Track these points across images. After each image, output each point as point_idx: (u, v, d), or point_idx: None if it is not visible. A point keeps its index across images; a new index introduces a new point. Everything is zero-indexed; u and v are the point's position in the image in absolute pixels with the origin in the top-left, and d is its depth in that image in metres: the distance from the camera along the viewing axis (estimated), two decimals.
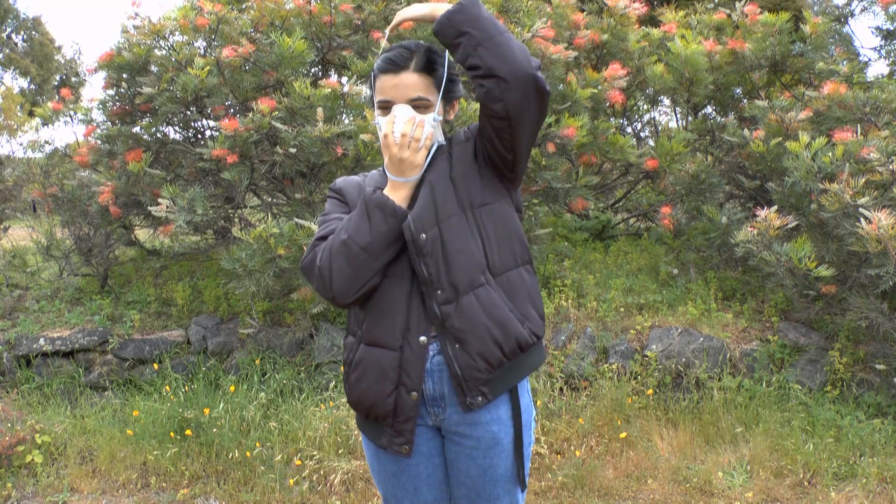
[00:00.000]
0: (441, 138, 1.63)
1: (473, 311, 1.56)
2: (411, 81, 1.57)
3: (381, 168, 1.78)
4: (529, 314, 1.64)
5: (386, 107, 1.59)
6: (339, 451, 3.40)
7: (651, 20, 6.22)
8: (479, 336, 1.56)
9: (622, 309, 4.37)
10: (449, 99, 1.66)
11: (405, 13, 1.61)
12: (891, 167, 3.41)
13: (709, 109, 5.90)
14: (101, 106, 4.84)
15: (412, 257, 1.57)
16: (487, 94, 1.50)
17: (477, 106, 4.23)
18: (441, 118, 1.63)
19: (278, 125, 3.84)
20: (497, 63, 1.47)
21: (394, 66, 1.58)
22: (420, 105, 1.58)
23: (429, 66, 1.59)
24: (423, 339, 1.60)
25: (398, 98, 1.58)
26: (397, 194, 1.58)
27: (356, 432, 3.46)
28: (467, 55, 1.49)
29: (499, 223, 1.62)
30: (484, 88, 1.50)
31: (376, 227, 1.54)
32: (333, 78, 5.06)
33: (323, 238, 1.62)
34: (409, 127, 1.53)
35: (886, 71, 6.01)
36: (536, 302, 1.67)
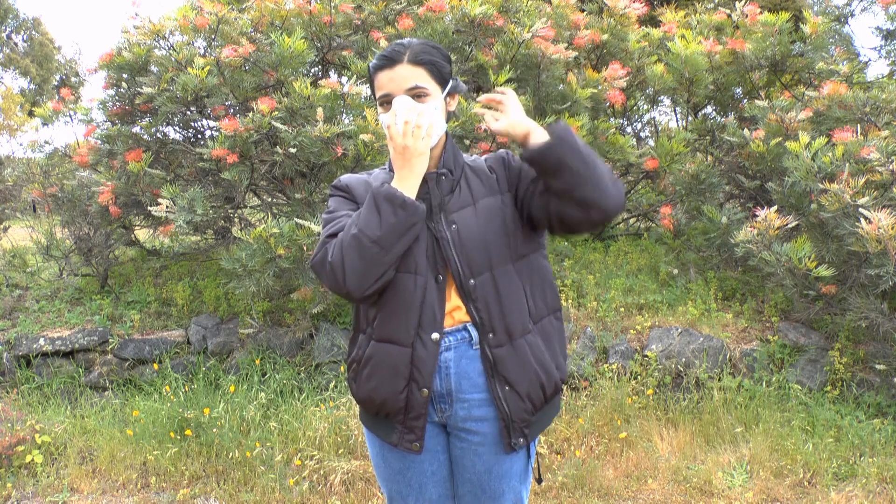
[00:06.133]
0: (444, 126, 1.64)
1: (526, 356, 1.63)
2: (407, 73, 1.58)
3: (385, 166, 1.78)
4: (559, 361, 1.71)
5: (386, 101, 1.60)
6: (339, 451, 3.40)
7: (651, 20, 6.23)
8: (529, 379, 1.63)
9: (622, 309, 4.37)
10: (448, 90, 1.66)
11: (494, 125, 1.61)
12: (891, 167, 3.41)
13: (709, 109, 5.90)
14: (101, 106, 4.84)
15: (463, 301, 1.62)
16: (569, 215, 1.54)
17: (476, 105, 4.24)
18: (442, 106, 1.63)
19: (278, 125, 3.84)
20: (600, 199, 1.50)
21: (388, 60, 1.59)
22: (418, 94, 1.58)
23: (422, 57, 1.59)
24: (435, 335, 1.60)
25: (396, 90, 1.58)
26: (404, 185, 1.57)
27: (356, 432, 3.46)
28: (565, 189, 1.51)
29: (535, 272, 1.69)
30: (567, 210, 1.53)
31: (386, 220, 1.52)
32: (333, 78, 5.06)
33: (333, 235, 1.61)
34: (411, 115, 1.54)
35: (886, 71, 6.01)
36: (564, 348, 1.75)
